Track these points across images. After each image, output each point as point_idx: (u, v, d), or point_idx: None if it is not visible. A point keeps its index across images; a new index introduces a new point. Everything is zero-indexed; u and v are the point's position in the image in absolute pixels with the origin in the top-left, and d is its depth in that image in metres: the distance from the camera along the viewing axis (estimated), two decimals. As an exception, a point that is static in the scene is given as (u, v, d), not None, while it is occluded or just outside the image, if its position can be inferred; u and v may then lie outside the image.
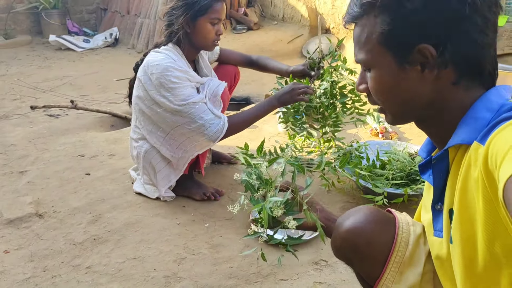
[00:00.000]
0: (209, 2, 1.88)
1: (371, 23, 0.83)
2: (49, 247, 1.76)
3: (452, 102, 0.82)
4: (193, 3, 1.87)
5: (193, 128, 1.85)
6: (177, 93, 1.83)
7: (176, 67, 1.86)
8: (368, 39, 0.84)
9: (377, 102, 0.89)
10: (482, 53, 0.81)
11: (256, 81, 4.06)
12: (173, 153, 1.95)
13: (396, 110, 0.88)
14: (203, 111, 1.85)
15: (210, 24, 1.91)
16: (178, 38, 1.92)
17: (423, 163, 0.94)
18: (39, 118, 3.31)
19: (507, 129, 0.68)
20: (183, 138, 1.91)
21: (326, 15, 4.72)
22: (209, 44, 1.97)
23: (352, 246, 0.98)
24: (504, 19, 3.50)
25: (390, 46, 0.82)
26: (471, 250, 0.77)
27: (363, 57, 0.86)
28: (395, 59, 0.82)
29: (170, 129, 1.90)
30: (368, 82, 0.88)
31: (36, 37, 6.78)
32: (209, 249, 1.74)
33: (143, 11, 5.89)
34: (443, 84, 0.82)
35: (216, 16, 1.91)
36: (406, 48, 0.81)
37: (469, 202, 0.76)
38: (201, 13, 1.88)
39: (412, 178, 1.90)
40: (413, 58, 0.81)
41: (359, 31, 0.86)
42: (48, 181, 2.30)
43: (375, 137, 2.66)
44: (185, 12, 1.88)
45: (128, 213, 1.97)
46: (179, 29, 1.91)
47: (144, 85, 1.89)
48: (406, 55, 0.81)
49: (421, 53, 0.80)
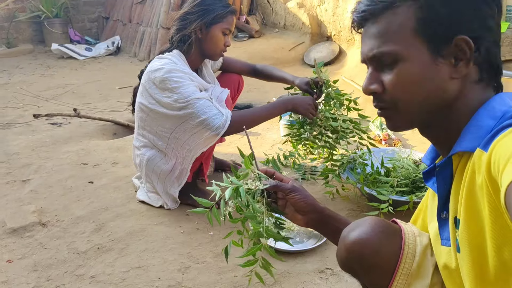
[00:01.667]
0: (225, 12, 1.94)
1: (406, 11, 0.80)
2: (52, 256, 1.75)
3: (470, 101, 0.82)
4: (210, 10, 1.91)
5: (197, 123, 1.84)
6: (181, 91, 1.83)
7: (179, 68, 1.87)
8: (401, 28, 0.81)
9: (391, 101, 0.85)
10: (499, 53, 0.84)
11: (258, 89, 4.06)
12: (178, 153, 1.94)
13: (413, 109, 0.84)
14: (206, 107, 1.83)
15: (222, 33, 1.95)
16: (189, 43, 1.94)
17: (427, 170, 0.94)
18: (41, 127, 3.31)
19: (509, 135, 0.69)
20: (187, 135, 1.90)
21: (327, 22, 4.73)
22: (217, 53, 2.00)
23: (358, 258, 0.96)
24: (505, 26, 3.50)
25: (426, 36, 0.80)
26: (480, 258, 0.76)
27: (390, 48, 0.82)
28: (429, 50, 0.80)
29: (175, 126, 1.89)
30: (386, 79, 0.84)
31: (38, 46, 6.81)
32: (213, 257, 1.73)
33: (145, 20, 5.92)
34: (468, 82, 0.82)
35: (228, 27, 1.96)
36: (444, 38, 0.79)
37: (475, 209, 0.75)
38: (216, 21, 1.92)
39: (417, 185, 1.89)
40: (448, 51, 0.80)
41: (387, 21, 0.82)
42: (51, 190, 2.29)
43: (378, 144, 2.66)
44: (201, 17, 1.91)
45: (132, 222, 1.97)
46: (192, 33, 1.93)
47: (148, 90, 1.89)
48: (443, 46, 0.80)
49: (458, 45, 0.79)
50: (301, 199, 1.13)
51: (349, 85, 3.77)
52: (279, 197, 1.17)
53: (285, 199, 1.16)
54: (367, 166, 2.06)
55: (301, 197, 1.13)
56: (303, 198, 1.13)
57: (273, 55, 4.83)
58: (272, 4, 5.46)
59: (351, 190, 2.12)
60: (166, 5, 5.46)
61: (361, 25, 0.87)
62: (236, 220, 1.16)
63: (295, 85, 2.16)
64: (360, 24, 0.87)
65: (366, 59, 0.87)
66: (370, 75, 0.86)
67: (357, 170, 2.06)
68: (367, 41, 0.85)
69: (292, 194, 1.13)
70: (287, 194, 1.13)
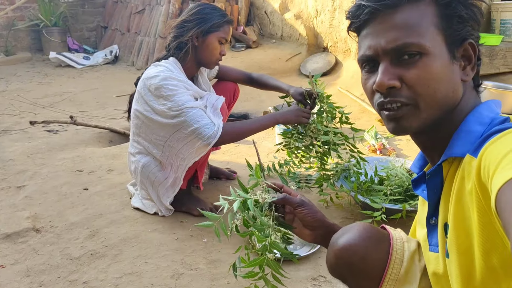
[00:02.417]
0: (222, 22, 1.97)
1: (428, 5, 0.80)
2: (45, 262, 1.75)
3: (466, 106, 0.83)
4: (207, 19, 1.95)
5: (189, 132, 1.85)
6: (175, 99, 1.84)
7: (174, 76, 1.89)
8: (425, 22, 0.79)
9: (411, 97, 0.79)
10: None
11: (254, 98, 4.09)
12: (172, 161, 1.96)
13: (433, 106, 0.80)
14: (199, 116, 1.85)
15: (218, 42, 1.98)
16: (186, 51, 1.97)
17: (416, 178, 0.94)
18: (38, 134, 3.32)
19: (499, 141, 0.69)
20: (180, 144, 1.91)
21: (324, 34, 4.78)
22: (213, 61, 2.02)
23: (347, 264, 0.96)
24: (499, 39, 3.55)
25: (447, 33, 0.80)
26: (468, 264, 0.77)
27: (417, 41, 0.78)
28: (447, 49, 0.80)
29: (168, 135, 1.90)
30: (408, 73, 0.79)
31: (36, 54, 6.83)
32: (207, 264, 1.73)
33: (143, 29, 5.96)
34: (469, 87, 0.85)
35: (224, 36, 1.99)
36: (459, 40, 0.81)
37: (464, 215, 0.76)
38: (213, 30, 1.96)
39: (410, 194, 1.90)
40: (459, 53, 0.82)
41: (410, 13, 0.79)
42: (46, 196, 2.29)
43: (373, 153, 2.67)
44: (198, 25, 1.95)
45: (126, 228, 1.97)
46: (188, 41, 1.96)
47: (144, 97, 1.91)
48: (456, 47, 0.81)
49: (466, 49, 0.82)
50: (309, 214, 1.12)
51: (345, 95, 3.79)
52: (286, 211, 1.16)
53: (293, 214, 1.15)
54: (361, 174, 2.08)
55: (309, 212, 1.12)
56: (311, 213, 1.12)
57: (270, 66, 4.87)
58: (269, 15, 5.52)
59: (345, 198, 2.13)
60: (165, 15, 5.50)
61: (374, 14, 0.81)
62: (244, 234, 1.15)
63: (290, 94, 2.18)
64: (373, 14, 0.81)
65: (382, 52, 0.81)
66: (386, 69, 0.80)
67: (351, 178, 2.07)
68: (385, 32, 0.80)
69: (300, 209, 1.12)
70: (295, 208, 1.12)
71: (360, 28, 0.86)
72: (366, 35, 0.84)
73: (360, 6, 0.82)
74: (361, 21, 0.84)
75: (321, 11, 4.69)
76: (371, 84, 0.83)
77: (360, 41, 0.87)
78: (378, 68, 0.82)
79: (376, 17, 0.81)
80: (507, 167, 0.61)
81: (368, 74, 0.86)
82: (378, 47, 0.81)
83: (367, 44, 0.83)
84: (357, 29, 0.87)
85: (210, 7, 2.01)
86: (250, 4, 5.72)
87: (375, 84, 0.81)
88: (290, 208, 1.15)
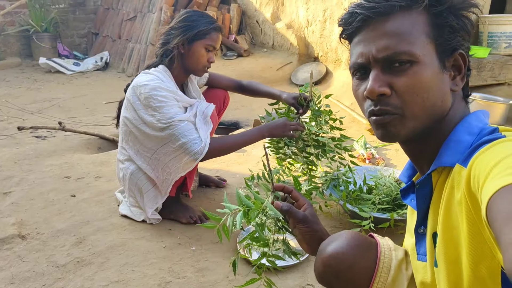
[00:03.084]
0: (208, 29, 1.95)
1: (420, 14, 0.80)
2: (31, 269, 1.72)
3: (455, 116, 0.84)
4: (193, 26, 1.93)
5: (177, 146, 1.85)
6: (164, 112, 1.84)
7: (164, 86, 1.88)
8: (417, 31, 0.79)
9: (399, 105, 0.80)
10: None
11: (245, 107, 4.09)
12: (158, 174, 1.95)
13: (421, 115, 0.80)
14: (187, 130, 1.85)
15: (204, 50, 1.96)
16: (171, 58, 1.96)
17: (404, 187, 0.95)
18: (25, 140, 3.28)
19: (488, 151, 0.70)
20: (167, 158, 1.90)
21: (315, 44, 4.81)
22: (200, 69, 2.01)
23: (335, 272, 0.96)
24: (486, 51, 3.60)
25: (438, 43, 0.80)
26: (456, 273, 0.77)
27: (408, 49, 0.78)
28: (437, 58, 0.80)
29: (156, 148, 1.90)
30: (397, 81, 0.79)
31: (26, 59, 6.79)
32: (194, 273, 1.71)
33: (134, 36, 5.95)
34: (458, 97, 0.85)
35: (211, 43, 1.97)
36: (450, 50, 0.81)
37: (453, 224, 0.76)
38: (199, 37, 1.94)
39: (398, 203, 1.91)
40: (449, 63, 0.82)
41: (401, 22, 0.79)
42: (32, 203, 2.26)
43: (362, 163, 2.69)
44: (183, 33, 1.93)
45: (113, 236, 1.95)
46: (174, 48, 1.95)
47: (133, 104, 1.90)
48: (447, 57, 0.81)
49: (457, 60, 0.82)
50: (309, 232, 1.11)
51: (335, 105, 3.82)
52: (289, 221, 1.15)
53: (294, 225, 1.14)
54: (350, 183, 2.08)
55: (308, 230, 1.11)
56: (310, 232, 1.11)
57: (261, 74, 4.89)
58: (261, 25, 5.55)
59: (333, 207, 2.13)
60: (156, 22, 5.51)
61: (366, 22, 0.82)
62: (244, 239, 1.15)
63: (282, 99, 2.18)
64: (365, 21, 0.82)
65: (373, 59, 0.81)
66: (377, 77, 0.80)
67: (340, 187, 2.08)
68: (376, 40, 0.80)
69: (301, 225, 1.11)
70: (297, 223, 1.11)
71: (352, 35, 0.86)
72: (358, 42, 0.84)
73: (353, 13, 0.83)
74: (353, 28, 0.84)
75: (312, 21, 4.73)
76: (362, 91, 0.84)
77: (352, 48, 0.87)
78: (369, 75, 0.82)
79: (369, 24, 0.81)
80: (497, 177, 0.61)
81: (359, 81, 0.86)
82: (369, 54, 0.81)
83: (359, 51, 0.83)
84: (349, 36, 0.88)
85: (197, 14, 2.00)
86: (242, 13, 5.76)
87: (366, 91, 0.81)
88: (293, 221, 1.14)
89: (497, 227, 0.56)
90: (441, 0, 0.79)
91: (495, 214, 0.57)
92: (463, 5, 0.81)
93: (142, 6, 6.01)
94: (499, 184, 0.59)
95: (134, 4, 6.19)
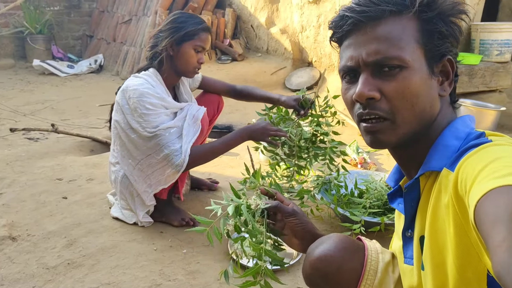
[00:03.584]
0: (196, 30, 1.93)
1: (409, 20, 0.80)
2: (21, 271, 1.71)
3: (443, 121, 0.84)
4: (180, 28, 1.92)
5: (161, 158, 1.86)
6: (150, 120, 1.84)
7: (153, 93, 1.87)
8: (407, 36, 0.80)
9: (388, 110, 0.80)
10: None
11: (239, 110, 4.10)
12: (138, 186, 1.96)
13: (410, 120, 0.80)
14: (170, 141, 1.86)
15: (193, 51, 1.95)
16: (160, 60, 1.95)
17: (392, 192, 0.96)
18: (18, 141, 3.27)
19: (475, 155, 0.70)
20: (150, 170, 1.91)
21: (309, 49, 4.84)
22: (190, 70, 1.99)
23: (323, 274, 0.97)
24: (478, 58, 3.64)
25: (427, 49, 0.81)
26: (442, 277, 0.78)
27: (398, 54, 0.79)
28: (426, 64, 0.81)
29: (140, 158, 1.91)
30: (387, 86, 0.80)
31: (19, 61, 6.76)
32: (185, 275, 1.71)
33: (129, 39, 5.95)
34: (446, 102, 0.86)
35: (200, 44, 1.95)
36: (438, 56, 0.82)
37: (440, 228, 0.77)
38: (187, 39, 1.93)
39: (389, 207, 1.93)
40: (438, 69, 0.83)
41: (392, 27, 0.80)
42: (23, 204, 2.25)
43: (354, 167, 2.70)
44: (171, 35, 1.92)
45: (104, 238, 1.94)
46: (163, 50, 1.94)
47: (122, 108, 1.90)
48: (435, 63, 0.82)
49: (445, 65, 0.83)
50: (299, 224, 1.12)
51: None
52: (278, 219, 1.15)
53: (284, 222, 1.15)
54: (341, 187, 2.09)
55: (299, 222, 1.12)
56: (301, 224, 1.12)
57: (255, 79, 4.90)
58: (255, 29, 5.57)
59: (325, 210, 2.14)
60: (151, 25, 5.52)
61: (357, 26, 0.82)
62: (236, 240, 1.14)
63: (281, 102, 2.16)
64: (356, 25, 0.82)
65: (363, 63, 0.81)
66: (366, 80, 0.80)
67: (331, 191, 2.09)
68: (366, 44, 0.80)
69: (291, 218, 1.12)
70: (287, 217, 1.12)
71: (342, 38, 0.86)
72: (348, 45, 0.84)
73: (344, 16, 0.83)
74: (343, 32, 0.84)
75: (306, 26, 4.76)
76: (351, 94, 0.84)
77: (341, 51, 0.87)
78: (358, 78, 0.82)
79: (359, 28, 0.82)
80: (484, 181, 0.62)
81: (348, 84, 0.86)
82: (359, 58, 0.81)
83: (349, 54, 0.83)
84: (339, 40, 0.88)
85: (185, 16, 1.98)
86: (236, 18, 5.78)
87: (355, 94, 0.81)
88: (281, 216, 1.15)
89: (484, 230, 0.57)
90: (431, 6, 0.80)
91: (483, 217, 0.58)
92: (452, 11, 0.82)
93: (137, 9, 6.02)
94: (486, 187, 0.60)
95: (129, 7, 6.19)
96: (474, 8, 3.82)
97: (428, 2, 0.80)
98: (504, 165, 0.63)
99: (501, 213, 0.55)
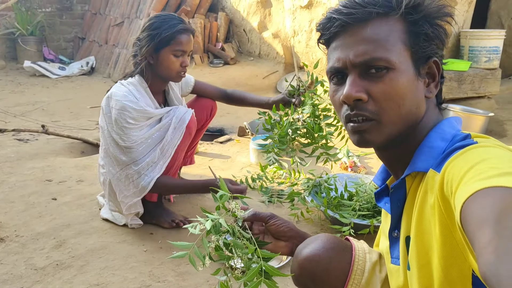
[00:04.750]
0: (172, 33, 1.86)
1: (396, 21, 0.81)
2: (8, 272, 1.70)
3: (429, 123, 0.85)
4: (155, 35, 1.86)
5: (134, 171, 1.88)
6: (130, 134, 1.85)
7: (135, 106, 1.85)
8: (394, 38, 0.81)
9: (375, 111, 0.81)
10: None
11: (231, 114, 4.11)
12: (117, 193, 1.96)
13: (396, 121, 0.81)
14: (142, 157, 1.88)
15: (173, 56, 1.89)
16: (142, 69, 1.92)
17: (378, 191, 0.96)
18: (7, 142, 3.24)
19: (461, 157, 0.71)
20: (128, 181, 1.92)
21: (301, 53, 4.87)
22: (174, 76, 1.95)
23: (310, 274, 0.98)
24: (467, 65, 3.69)
25: (413, 50, 0.81)
26: (427, 277, 0.78)
27: (385, 55, 0.79)
28: (413, 65, 0.82)
29: (119, 168, 1.91)
30: (374, 87, 0.80)
31: (10, 62, 6.72)
32: (175, 276, 1.71)
33: (121, 42, 5.95)
34: (432, 104, 0.87)
35: (179, 48, 1.89)
36: (424, 57, 0.83)
37: (426, 228, 0.77)
38: (164, 45, 1.87)
39: (378, 210, 1.94)
40: (424, 70, 0.84)
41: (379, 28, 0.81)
42: (12, 205, 2.24)
43: (344, 170, 2.72)
44: (147, 43, 1.87)
45: (94, 239, 1.93)
46: (142, 59, 1.91)
47: (105, 116, 1.90)
48: (421, 64, 0.83)
49: (431, 67, 0.84)
50: (283, 224, 1.11)
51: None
52: (255, 232, 1.12)
53: (263, 233, 1.12)
54: (331, 190, 2.11)
55: (282, 222, 1.11)
56: (284, 223, 1.11)
57: (247, 82, 4.92)
58: (248, 33, 5.60)
59: (315, 213, 2.15)
60: (143, 28, 5.52)
61: (344, 27, 0.82)
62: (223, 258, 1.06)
63: (270, 104, 2.17)
64: (343, 27, 0.82)
65: (350, 64, 0.82)
66: (354, 82, 0.81)
67: (322, 194, 2.10)
68: (354, 45, 0.81)
69: (272, 221, 1.10)
70: (267, 222, 1.10)
71: (330, 40, 0.87)
72: (336, 47, 0.85)
73: (331, 18, 0.84)
74: (331, 34, 0.85)
75: (298, 31, 4.79)
76: (339, 96, 0.84)
77: (329, 53, 0.88)
78: (346, 80, 0.83)
79: (346, 30, 0.82)
80: (470, 182, 0.62)
81: (336, 86, 0.86)
82: (346, 59, 0.81)
83: (336, 56, 0.84)
84: (326, 41, 0.89)
85: (160, 19, 1.89)
86: (229, 22, 5.80)
87: (343, 95, 0.82)
88: (259, 228, 1.12)
89: (470, 231, 0.57)
90: (417, 9, 0.81)
91: (469, 219, 0.58)
92: (438, 14, 0.83)
93: (130, 12, 6.01)
94: (472, 189, 0.60)
95: (122, 10, 6.19)
96: (463, 15, 3.88)
97: (414, 5, 0.81)
98: (490, 166, 0.64)
99: (487, 215, 0.55)
